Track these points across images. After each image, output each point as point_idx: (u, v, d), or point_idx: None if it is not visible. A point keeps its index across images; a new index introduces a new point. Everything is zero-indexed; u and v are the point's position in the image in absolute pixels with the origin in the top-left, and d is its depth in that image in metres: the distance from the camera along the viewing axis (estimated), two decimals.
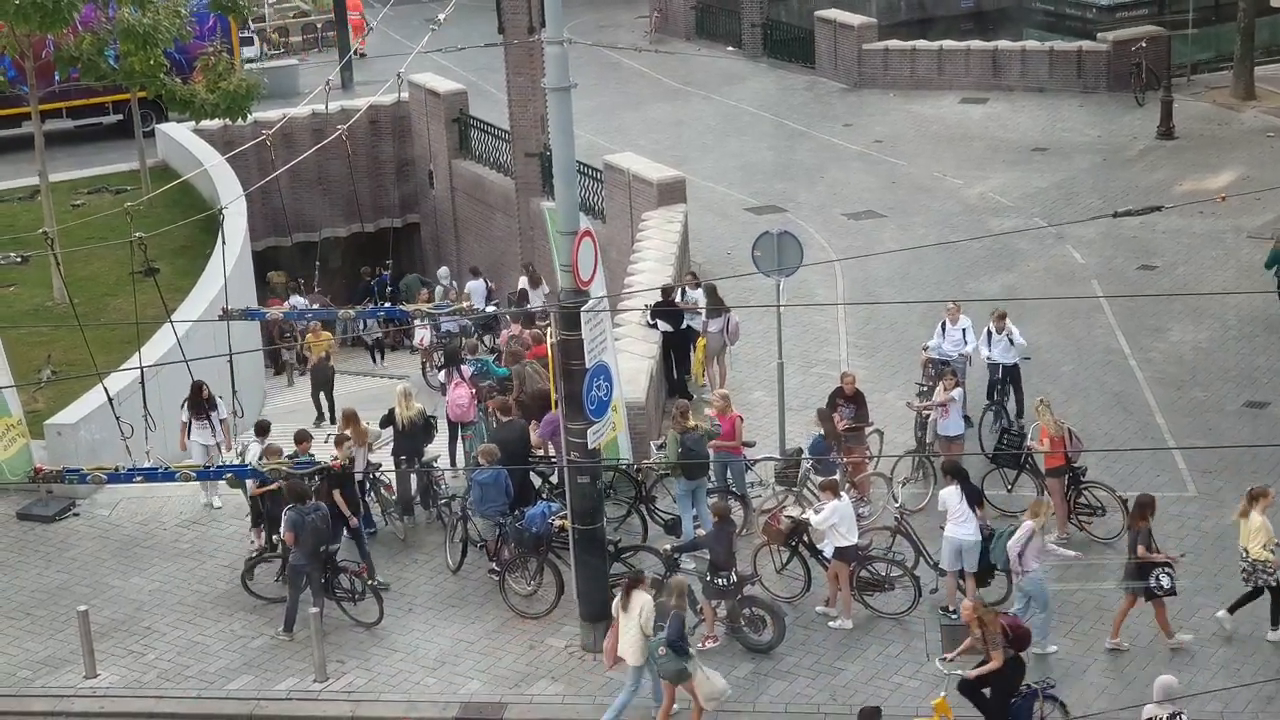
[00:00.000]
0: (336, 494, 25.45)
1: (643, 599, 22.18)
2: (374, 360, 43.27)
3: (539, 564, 25.23)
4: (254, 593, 25.82)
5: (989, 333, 29.23)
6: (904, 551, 24.93)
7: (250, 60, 60.19)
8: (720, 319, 31.42)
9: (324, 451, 26.89)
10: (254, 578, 25.83)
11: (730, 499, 26.27)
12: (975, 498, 24.25)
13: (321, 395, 36.45)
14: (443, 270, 43.84)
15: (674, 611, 21.84)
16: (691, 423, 26.28)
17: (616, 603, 22.52)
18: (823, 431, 26.47)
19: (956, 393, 27.38)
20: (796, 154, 46.46)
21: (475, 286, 39.87)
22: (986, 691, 21.47)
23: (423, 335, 37.90)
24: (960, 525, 23.91)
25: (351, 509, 25.81)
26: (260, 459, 26.11)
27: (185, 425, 28.76)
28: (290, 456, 26.11)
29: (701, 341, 31.64)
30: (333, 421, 33.13)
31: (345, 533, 25.73)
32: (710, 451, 26.51)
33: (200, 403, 28.65)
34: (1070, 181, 42.32)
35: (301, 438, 26.68)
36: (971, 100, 49.74)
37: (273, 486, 25.63)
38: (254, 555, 26.23)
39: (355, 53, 57.48)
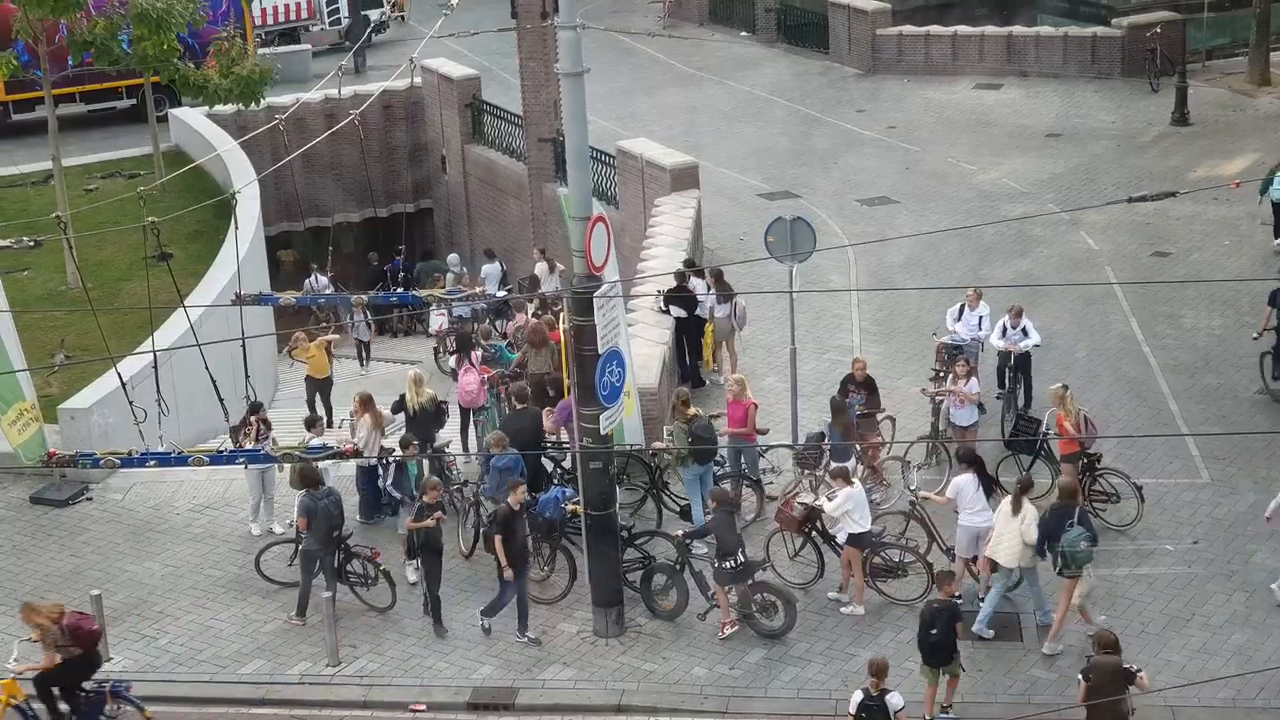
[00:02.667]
0: (498, 541, 23.68)
1: (1030, 508, 22.94)
2: (361, 362, 40.31)
3: (551, 549, 25.25)
4: (267, 576, 25.84)
5: (1004, 326, 29.20)
6: (916, 537, 24.93)
7: (382, 24, 60.82)
8: (728, 304, 31.40)
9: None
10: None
11: (743, 485, 26.27)
12: (990, 486, 24.25)
13: (318, 400, 33.47)
14: (453, 257, 43.78)
15: (1074, 505, 22.91)
16: (692, 411, 26.26)
17: (1005, 505, 23.11)
18: (835, 421, 26.44)
19: (971, 385, 27.32)
20: (810, 140, 46.40)
21: (490, 270, 39.83)
22: (55, 690, 22.66)
23: (441, 322, 37.83)
24: (976, 514, 23.91)
25: (511, 559, 23.80)
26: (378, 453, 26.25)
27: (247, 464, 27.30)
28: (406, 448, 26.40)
29: (709, 327, 31.61)
30: (329, 425, 32.09)
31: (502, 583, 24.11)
32: (725, 438, 26.53)
33: (254, 427, 27.45)
34: (1085, 167, 42.25)
35: (312, 422, 26.77)
36: (986, 86, 49.65)
37: (429, 521, 24.24)
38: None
39: (397, 18, 57.23)
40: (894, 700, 20.52)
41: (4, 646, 24.78)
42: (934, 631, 21.56)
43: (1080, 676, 20.51)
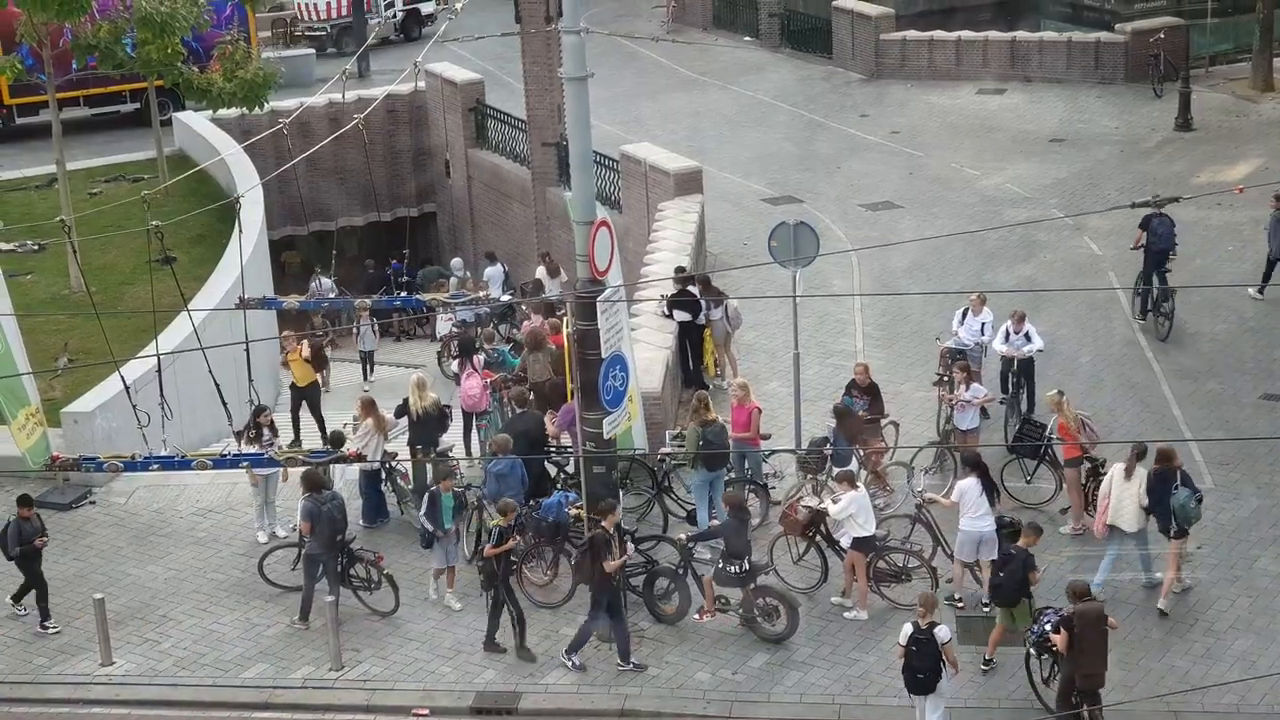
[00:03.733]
0: (591, 566, 23.23)
1: (1141, 471, 23.67)
2: (365, 375, 39.33)
3: (555, 554, 25.25)
4: (270, 580, 25.84)
5: (1007, 332, 29.21)
6: (920, 541, 24.91)
7: (430, 17, 61.63)
8: (720, 307, 31.41)
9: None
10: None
11: (748, 489, 26.27)
12: (992, 490, 24.27)
13: (304, 409, 32.36)
14: (456, 261, 43.82)
15: (1175, 467, 23.82)
16: (711, 414, 26.27)
17: (1118, 470, 23.82)
18: (840, 426, 26.44)
19: (973, 392, 27.34)
20: (814, 145, 46.41)
21: (493, 272, 39.85)
22: None
23: (449, 327, 37.81)
24: (979, 518, 23.93)
25: (603, 586, 23.31)
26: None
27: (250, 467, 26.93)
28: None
29: (707, 331, 31.61)
30: (324, 436, 30.72)
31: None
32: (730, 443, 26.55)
33: (260, 430, 27.50)
34: (1088, 173, 42.24)
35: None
36: (989, 91, 49.66)
37: (508, 545, 23.66)
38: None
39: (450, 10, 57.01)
40: (941, 633, 21.14)
41: (6, 650, 24.84)
42: (1002, 574, 22.48)
43: (1055, 629, 21.14)
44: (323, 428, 31.30)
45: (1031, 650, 22.14)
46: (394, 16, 63.54)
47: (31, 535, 25.14)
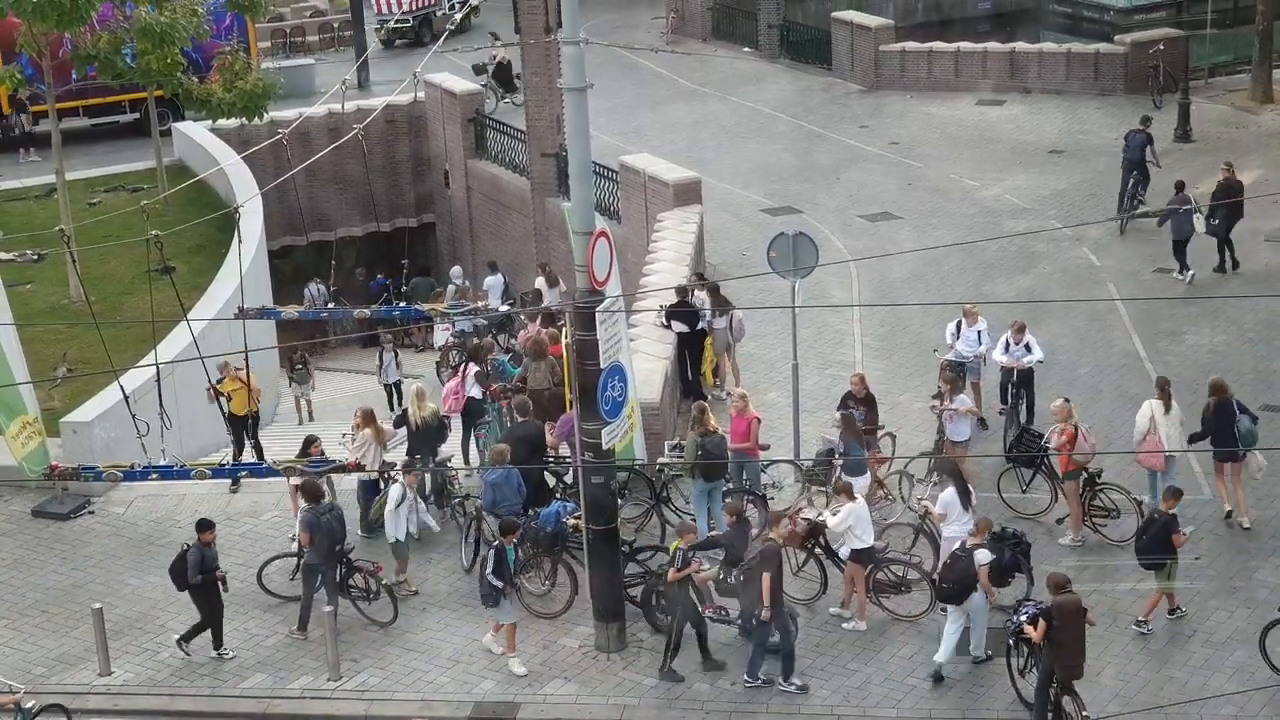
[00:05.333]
0: (767, 580, 22.48)
1: (1176, 405, 25.88)
2: (390, 406, 36.63)
3: (553, 564, 25.24)
4: (269, 590, 25.83)
5: (1007, 342, 29.25)
6: (921, 553, 24.91)
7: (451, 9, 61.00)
8: (724, 317, 31.42)
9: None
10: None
11: (747, 499, 26.26)
12: (967, 495, 24.33)
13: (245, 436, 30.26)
14: (455, 270, 43.85)
15: (1229, 396, 26.20)
16: (711, 424, 26.28)
17: (1156, 406, 25.90)
18: (846, 432, 26.45)
19: (959, 401, 27.40)
20: (813, 155, 46.41)
21: (493, 282, 39.86)
22: None
23: (447, 337, 37.82)
24: (963, 526, 23.98)
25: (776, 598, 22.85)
26: None
27: (295, 489, 26.38)
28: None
29: (708, 340, 31.62)
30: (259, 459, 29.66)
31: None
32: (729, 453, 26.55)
33: (318, 492, 25.67)
34: (1087, 184, 42.25)
35: (311, 441, 26.71)
36: (988, 102, 49.68)
37: (693, 568, 23.18)
38: None
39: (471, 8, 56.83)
40: (980, 555, 22.63)
41: (4, 660, 24.82)
42: (1144, 538, 23.55)
43: (1031, 621, 21.37)
44: (261, 455, 29.92)
45: (1010, 641, 22.26)
46: (453, 8, 63.09)
47: (213, 563, 24.30)
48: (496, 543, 23.77)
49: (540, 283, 37.97)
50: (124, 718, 23.52)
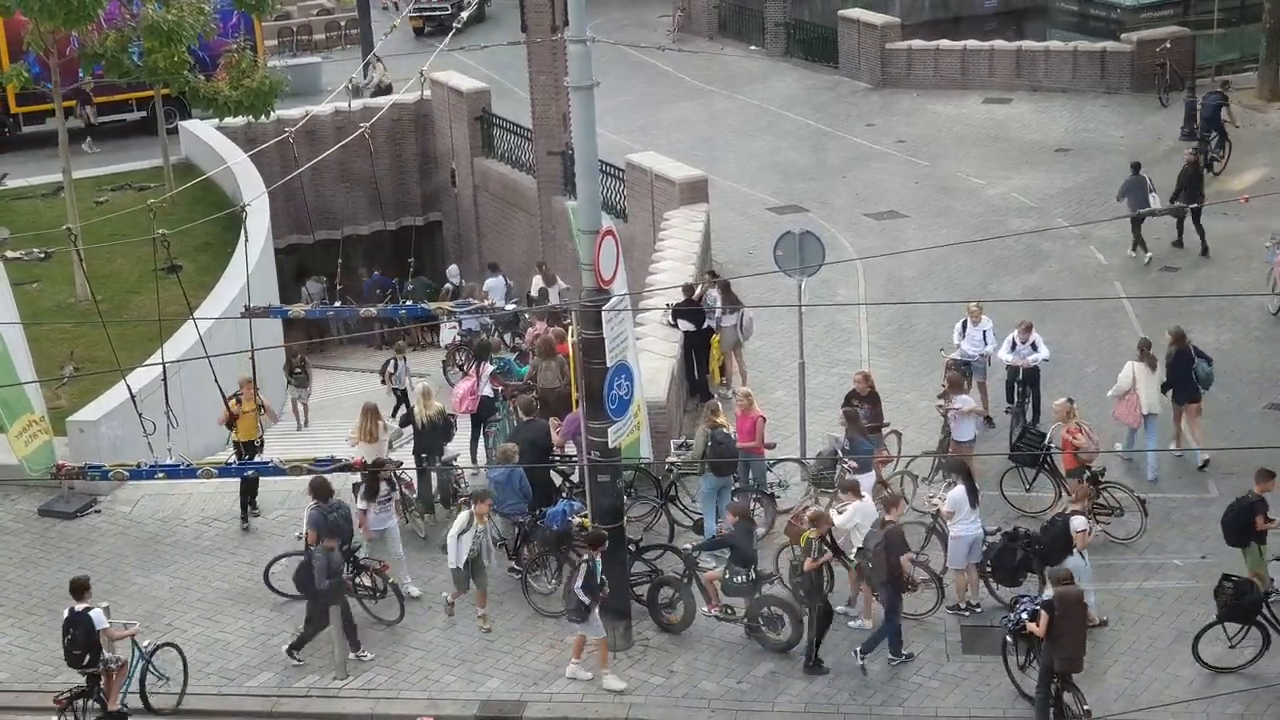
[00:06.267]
0: (903, 558, 23.01)
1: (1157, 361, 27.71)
2: (394, 411, 34.69)
3: (560, 563, 25.24)
4: (276, 589, 25.83)
5: (1013, 341, 29.26)
6: (929, 553, 24.90)
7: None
8: (734, 315, 31.42)
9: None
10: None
11: (754, 498, 26.25)
12: (974, 494, 24.35)
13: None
14: (452, 269, 43.95)
15: (1188, 344, 28.18)
16: (720, 420, 26.30)
17: (1139, 367, 27.52)
18: (850, 429, 26.45)
19: (961, 400, 27.40)
20: (819, 154, 46.42)
21: (494, 284, 39.83)
22: None
23: (453, 334, 37.79)
24: (971, 524, 24.02)
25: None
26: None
27: (363, 513, 25.89)
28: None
29: (715, 338, 31.62)
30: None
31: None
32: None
33: (376, 488, 25.85)
34: (1094, 182, 42.22)
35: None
36: (995, 100, 49.67)
37: (826, 558, 23.39)
38: None
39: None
40: (1076, 522, 23.20)
41: (11, 659, 24.84)
42: (1228, 518, 23.95)
43: (1032, 614, 21.52)
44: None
45: (1008, 638, 22.30)
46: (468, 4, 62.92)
47: (339, 568, 24.03)
48: (586, 556, 23.29)
49: (538, 281, 37.97)
50: (129, 716, 23.48)
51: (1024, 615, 21.80)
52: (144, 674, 23.22)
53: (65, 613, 22.86)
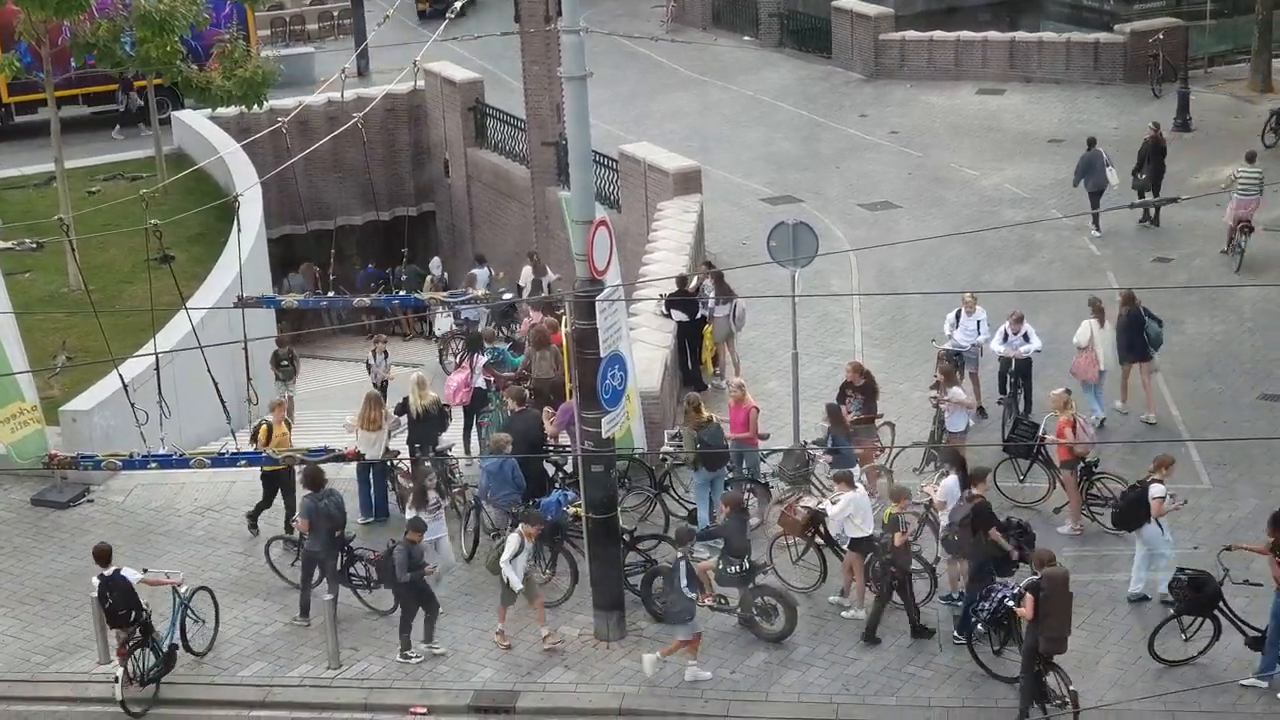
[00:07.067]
0: (994, 533, 23.31)
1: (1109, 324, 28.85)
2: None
3: (553, 553, 25.24)
4: (277, 570, 25.83)
5: (1005, 332, 29.29)
6: (921, 543, 24.91)
7: None
8: (727, 305, 31.42)
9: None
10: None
11: (747, 489, 26.25)
12: (967, 485, 24.36)
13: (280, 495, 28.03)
14: (434, 260, 43.97)
15: (1138, 305, 29.23)
16: (705, 415, 26.28)
17: (1094, 325, 28.79)
18: (834, 427, 26.47)
19: (955, 392, 27.41)
20: (813, 144, 46.41)
21: (481, 275, 39.81)
22: None
23: (450, 324, 37.75)
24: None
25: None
26: None
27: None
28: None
29: (708, 328, 31.61)
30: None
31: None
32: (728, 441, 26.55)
33: (425, 496, 25.25)
34: None
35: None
36: (988, 91, 49.67)
37: (908, 533, 23.80)
38: None
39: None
40: (1154, 489, 23.62)
41: (4, 648, 24.83)
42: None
43: (1019, 595, 21.52)
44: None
45: (980, 627, 22.41)
46: None
47: (420, 559, 23.82)
48: (680, 554, 23.00)
49: (528, 271, 37.92)
50: (124, 705, 23.47)
51: (1010, 603, 21.80)
52: (183, 618, 24.00)
53: (95, 580, 23.39)
